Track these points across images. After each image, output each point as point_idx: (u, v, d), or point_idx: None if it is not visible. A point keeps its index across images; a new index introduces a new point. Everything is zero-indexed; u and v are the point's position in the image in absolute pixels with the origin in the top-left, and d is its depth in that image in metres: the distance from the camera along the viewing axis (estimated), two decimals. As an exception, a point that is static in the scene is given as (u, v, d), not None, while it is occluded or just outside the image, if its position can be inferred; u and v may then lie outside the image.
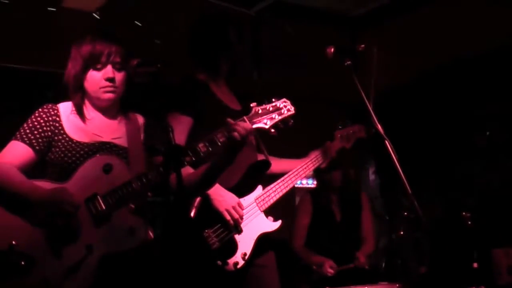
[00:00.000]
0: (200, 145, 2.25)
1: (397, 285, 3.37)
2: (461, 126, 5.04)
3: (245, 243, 2.74)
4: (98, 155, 2.29)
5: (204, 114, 2.75)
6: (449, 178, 5.00)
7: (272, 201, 2.89)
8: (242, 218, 2.73)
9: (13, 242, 2.11)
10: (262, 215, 2.84)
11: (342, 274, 4.00)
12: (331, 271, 3.99)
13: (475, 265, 3.99)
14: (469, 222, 4.05)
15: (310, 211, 4.45)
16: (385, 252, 4.60)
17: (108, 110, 2.43)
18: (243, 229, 2.73)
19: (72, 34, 2.41)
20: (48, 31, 3.79)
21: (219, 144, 2.27)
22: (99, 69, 2.34)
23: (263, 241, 2.82)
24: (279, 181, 2.97)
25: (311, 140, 3.27)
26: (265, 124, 2.37)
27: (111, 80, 2.33)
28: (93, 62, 2.32)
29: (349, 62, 2.61)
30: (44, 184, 2.24)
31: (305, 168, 3.11)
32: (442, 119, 5.16)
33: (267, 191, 2.92)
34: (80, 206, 2.18)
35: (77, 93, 2.38)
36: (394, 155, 2.51)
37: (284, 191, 2.96)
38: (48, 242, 2.16)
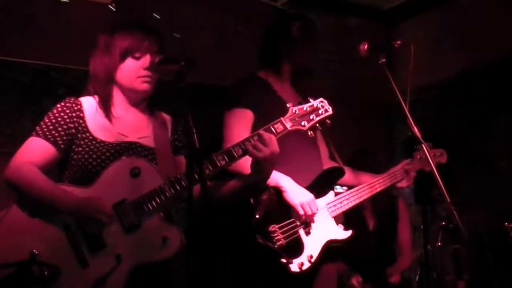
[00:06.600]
0: (219, 157, 2.28)
1: (432, 301, 3.40)
2: (508, 128, 5.03)
3: (312, 246, 2.78)
4: (124, 157, 2.30)
5: (264, 110, 2.85)
6: (493, 184, 5.00)
7: (344, 209, 2.97)
8: (313, 217, 2.80)
9: (34, 251, 2.10)
10: (333, 221, 2.92)
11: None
12: (357, 286, 4.06)
13: (520, 281, 4.00)
14: (514, 234, 4.06)
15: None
16: (419, 265, 4.62)
17: (138, 104, 2.48)
18: (311, 231, 2.81)
19: (86, 27, 2.46)
20: (61, 24, 3.92)
21: (237, 157, 2.30)
22: (137, 58, 2.39)
23: (332, 249, 2.89)
24: (352, 190, 3.06)
25: (347, 143, 3.24)
26: (303, 126, 2.41)
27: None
28: (133, 51, 2.38)
29: (383, 60, 2.67)
30: (68, 189, 2.23)
31: (382, 182, 3.18)
32: (485, 120, 5.15)
33: (339, 198, 3.00)
34: (113, 217, 2.19)
35: (107, 85, 2.42)
36: (432, 159, 2.57)
37: (358, 201, 3.04)
38: (73, 250, 2.16)
